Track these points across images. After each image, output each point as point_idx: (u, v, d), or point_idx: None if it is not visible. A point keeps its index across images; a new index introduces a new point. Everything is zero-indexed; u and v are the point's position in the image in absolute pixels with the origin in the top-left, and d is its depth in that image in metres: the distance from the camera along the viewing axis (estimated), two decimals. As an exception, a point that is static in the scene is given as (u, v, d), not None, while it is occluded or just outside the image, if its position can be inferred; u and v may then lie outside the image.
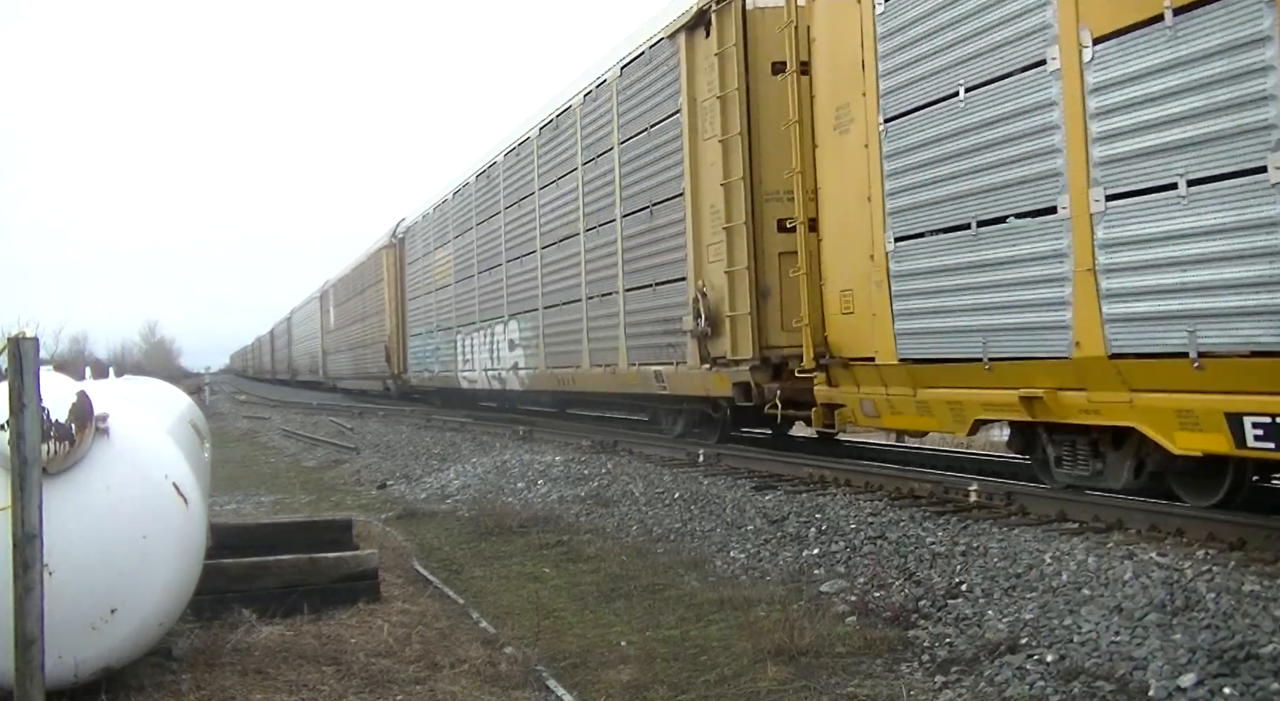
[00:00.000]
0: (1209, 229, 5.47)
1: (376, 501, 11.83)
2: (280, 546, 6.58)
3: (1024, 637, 5.02)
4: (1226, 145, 5.35)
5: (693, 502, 9.14)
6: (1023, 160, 6.64)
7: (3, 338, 4.13)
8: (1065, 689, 4.42)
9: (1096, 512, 6.66)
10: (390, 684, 4.84)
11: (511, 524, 9.26)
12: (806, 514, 7.93)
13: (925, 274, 7.56)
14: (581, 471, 11.56)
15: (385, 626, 5.75)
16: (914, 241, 7.67)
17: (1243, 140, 5.27)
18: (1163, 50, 5.65)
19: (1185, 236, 5.61)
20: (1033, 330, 6.66)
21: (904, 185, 7.72)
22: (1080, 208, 6.20)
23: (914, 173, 7.60)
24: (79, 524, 4.34)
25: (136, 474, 4.53)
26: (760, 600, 6.14)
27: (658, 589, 6.77)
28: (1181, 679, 4.25)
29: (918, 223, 7.61)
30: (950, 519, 7.11)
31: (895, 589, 6.09)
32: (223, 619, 5.61)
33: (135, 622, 4.44)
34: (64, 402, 4.32)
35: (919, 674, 4.84)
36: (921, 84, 7.45)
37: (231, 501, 11.85)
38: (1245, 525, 5.87)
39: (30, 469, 3.96)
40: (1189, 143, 5.54)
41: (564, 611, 6.46)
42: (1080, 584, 5.44)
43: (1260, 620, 4.56)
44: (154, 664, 4.89)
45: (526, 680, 4.97)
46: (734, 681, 4.91)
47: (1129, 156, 5.89)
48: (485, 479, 12.07)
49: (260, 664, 5.03)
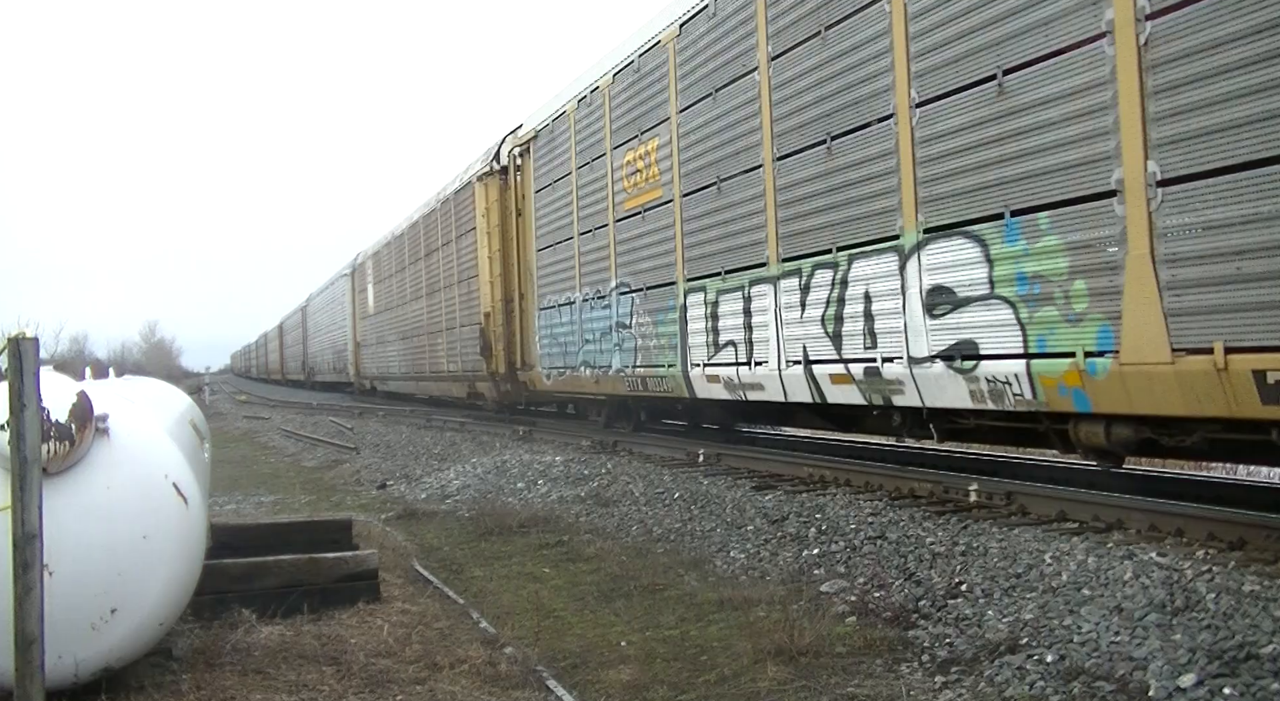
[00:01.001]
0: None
1: (376, 501, 11.82)
2: (280, 546, 6.58)
3: (1024, 637, 5.02)
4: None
5: (693, 502, 9.14)
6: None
7: (3, 338, 4.13)
8: (1065, 689, 4.42)
9: (1096, 512, 6.67)
10: (390, 684, 4.84)
11: (511, 524, 9.26)
12: (806, 514, 7.93)
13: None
14: (581, 471, 11.57)
15: (385, 626, 5.75)
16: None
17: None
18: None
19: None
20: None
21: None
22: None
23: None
24: (79, 524, 4.34)
25: (136, 474, 4.53)
26: (760, 600, 6.14)
27: (658, 589, 6.77)
28: (1181, 679, 4.25)
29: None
30: (950, 519, 7.11)
31: (895, 589, 6.09)
32: (223, 619, 5.62)
33: (135, 622, 4.44)
34: (64, 402, 4.32)
35: (919, 674, 4.84)
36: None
37: (231, 501, 11.85)
38: (1245, 525, 5.87)
39: (30, 469, 3.96)
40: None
41: (564, 611, 6.46)
42: (1080, 584, 5.44)
43: (1260, 620, 4.56)
44: (154, 664, 4.90)
45: (526, 680, 4.97)
46: (734, 681, 4.91)
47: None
48: (485, 479, 12.07)
49: (260, 664, 5.04)
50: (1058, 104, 6.35)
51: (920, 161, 7.54)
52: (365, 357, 32.38)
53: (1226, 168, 5.35)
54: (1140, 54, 5.77)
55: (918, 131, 7.55)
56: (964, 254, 7.17)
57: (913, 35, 7.55)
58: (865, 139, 8.18)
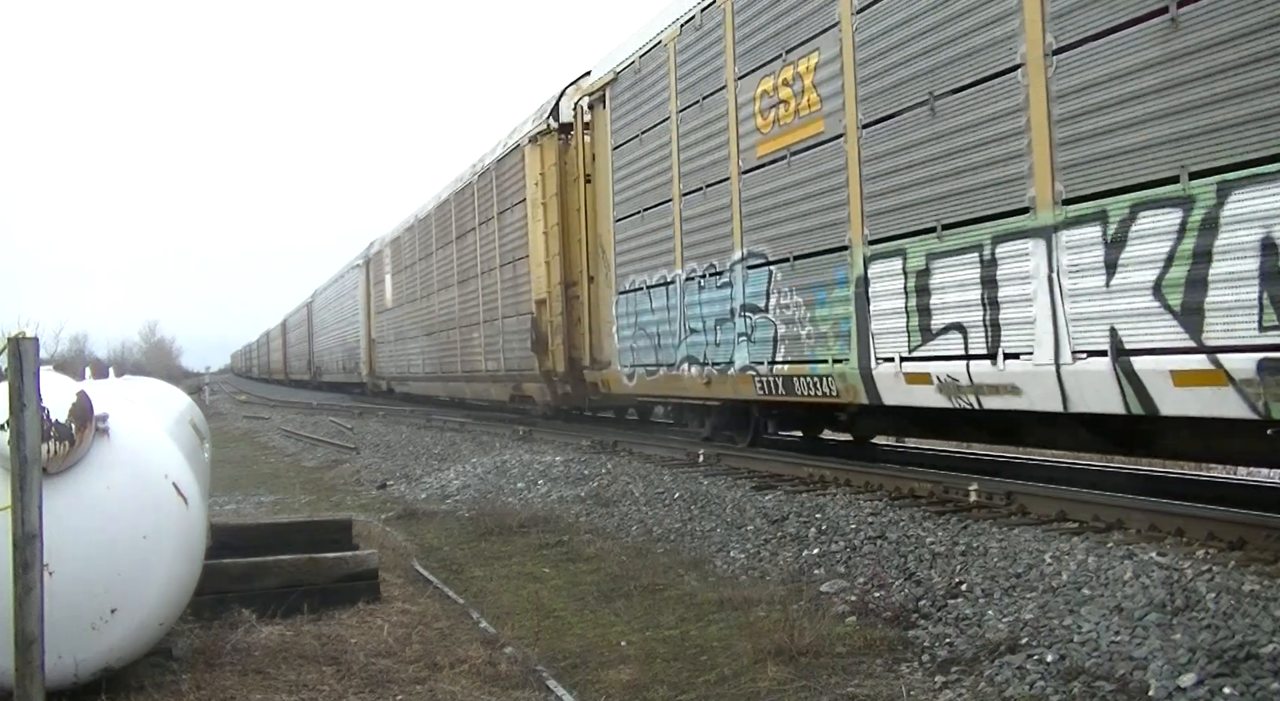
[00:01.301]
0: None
1: (376, 501, 11.82)
2: (280, 546, 6.58)
3: (1024, 637, 5.02)
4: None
5: (693, 502, 9.14)
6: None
7: (3, 338, 4.13)
8: (1065, 689, 4.41)
9: (1096, 512, 6.66)
10: (390, 684, 4.84)
11: (511, 524, 9.25)
12: (806, 514, 7.93)
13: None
14: (581, 471, 11.57)
15: (385, 626, 5.75)
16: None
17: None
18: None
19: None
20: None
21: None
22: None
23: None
24: (79, 524, 4.34)
25: (136, 474, 4.53)
26: (760, 600, 6.14)
27: (658, 589, 6.77)
28: (1181, 679, 4.25)
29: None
30: (950, 519, 7.11)
31: (895, 589, 6.09)
32: (223, 619, 5.62)
33: (135, 622, 4.44)
34: (64, 402, 4.32)
35: (919, 674, 4.84)
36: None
37: (231, 501, 11.85)
38: (1245, 525, 5.87)
39: (30, 469, 3.96)
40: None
41: (564, 611, 6.45)
42: (1080, 584, 5.44)
43: (1260, 620, 4.56)
44: (154, 664, 4.89)
45: (526, 680, 4.97)
46: (734, 681, 4.91)
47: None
48: (485, 479, 12.07)
49: (260, 664, 5.03)
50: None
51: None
52: (381, 356, 29.50)
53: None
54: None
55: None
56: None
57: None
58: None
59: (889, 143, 7.98)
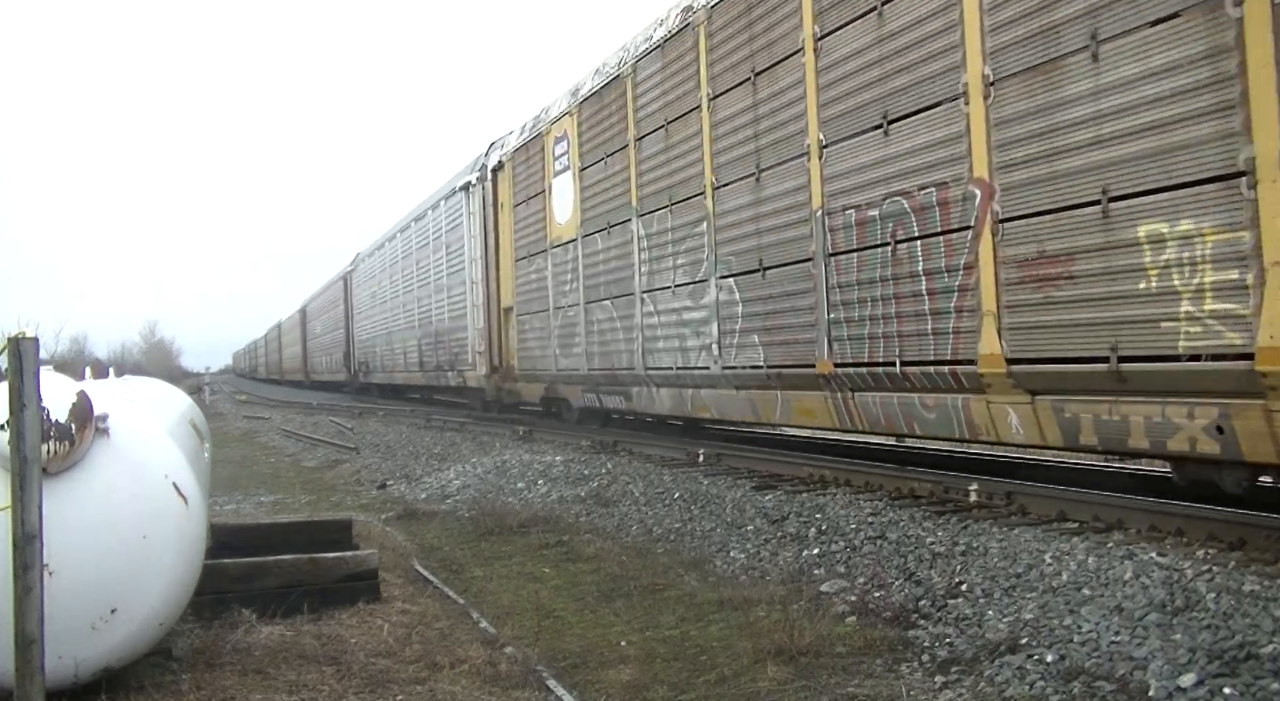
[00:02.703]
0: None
1: (376, 501, 11.82)
2: (280, 546, 6.58)
3: (1024, 637, 5.02)
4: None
5: (693, 502, 9.14)
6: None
7: (3, 338, 4.13)
8: (1065, 689, 4.42)
9: (1096, 512, 6.66)
10: (390, 684, 4.84)
11: (511, 524, 9.26)
12: (806, 514, 7.93)
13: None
14: (581, 471, 11.57)
15: (385, 626, 5.75)
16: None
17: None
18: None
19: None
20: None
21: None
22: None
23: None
24: (79, 524, 4.34)
25: (136, 474, 4.53)
26: (760, 600, 6.14)
27: (658, 589, 6.77)
28: (1181, 679, 4.25)
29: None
30: (950, 519, 7.11)
31: (895, 589, 6.09)
32: (223, 619, 5.62)
33: (135, 622, 4.44)
34: (64, 402, 4.32)
35: (919, 674, 4.84)
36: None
37: (231, 501, 11.85)
38: (1245, 525, 5.87)
39: (30, 469, 3.96)
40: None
41: (564, 611, 6.46)
42: (1080, 584, 5.44)
43: (1260, 620, 4.56)
44: (154, 664, 4.89)
45: (526, 680, 4.97)
46: (734, 681, 4.91)
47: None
48: (485, 479, 12.07)
49: (260, 664, 5.03)
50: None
51: None
52: (532, 346, 17.34)
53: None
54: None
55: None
56: None
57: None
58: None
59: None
